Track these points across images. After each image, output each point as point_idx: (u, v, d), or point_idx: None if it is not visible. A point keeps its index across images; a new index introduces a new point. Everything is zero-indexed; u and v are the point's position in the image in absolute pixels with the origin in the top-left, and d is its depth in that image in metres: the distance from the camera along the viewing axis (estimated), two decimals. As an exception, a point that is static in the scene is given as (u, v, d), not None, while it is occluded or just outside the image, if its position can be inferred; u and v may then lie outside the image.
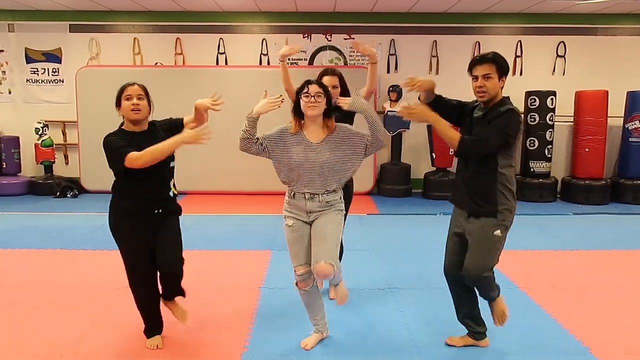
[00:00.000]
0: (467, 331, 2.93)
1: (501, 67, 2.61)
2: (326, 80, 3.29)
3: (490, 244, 2.65)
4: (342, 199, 2.86)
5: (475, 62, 2.64)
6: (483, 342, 2.92)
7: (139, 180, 2.67)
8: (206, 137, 2.64)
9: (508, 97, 2.73)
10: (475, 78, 2.62)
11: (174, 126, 2.89)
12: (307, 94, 2.71)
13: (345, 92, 3.39)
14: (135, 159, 2.57)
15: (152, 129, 2.83)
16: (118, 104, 2.76)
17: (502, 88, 2.68)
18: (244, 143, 2.76)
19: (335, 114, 2.85)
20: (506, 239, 2.68)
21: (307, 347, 2.89)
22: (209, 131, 2.66)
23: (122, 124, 2.81)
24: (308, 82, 2.76)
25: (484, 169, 2.62)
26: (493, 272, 2.72)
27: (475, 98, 2.71)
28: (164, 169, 2.74)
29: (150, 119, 2.88)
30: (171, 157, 2.79)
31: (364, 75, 3.55)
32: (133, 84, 2.79)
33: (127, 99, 2.71)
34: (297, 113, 2.77)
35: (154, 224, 2.75)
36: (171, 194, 2.84)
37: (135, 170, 2.60)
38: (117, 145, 2.63)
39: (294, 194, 2.79)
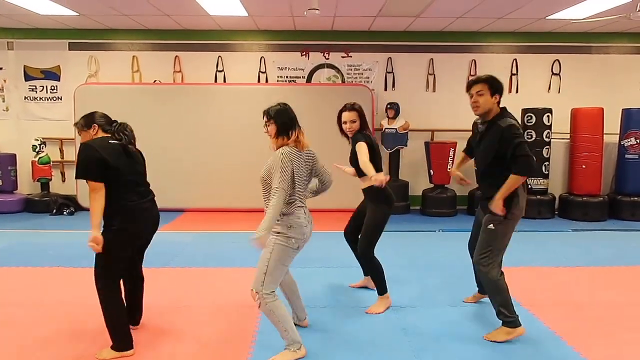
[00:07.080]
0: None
1: (492, 85, 3.03)
2: (345, 116, 3.56)
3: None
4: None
5: (471, 83, 3.11)
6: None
7: None
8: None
9: (505, 108, 3.12)
10: (471, 95, 3.08)
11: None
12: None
13: (363, 125, 3.58)
14: None
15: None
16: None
17: (498, 104, 3.09)
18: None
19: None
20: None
21: None
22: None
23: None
24: (264, 114, 2.92)
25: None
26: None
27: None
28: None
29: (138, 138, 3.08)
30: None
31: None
32: None
33: None
34: None
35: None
36: None
37: None
38: None
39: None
